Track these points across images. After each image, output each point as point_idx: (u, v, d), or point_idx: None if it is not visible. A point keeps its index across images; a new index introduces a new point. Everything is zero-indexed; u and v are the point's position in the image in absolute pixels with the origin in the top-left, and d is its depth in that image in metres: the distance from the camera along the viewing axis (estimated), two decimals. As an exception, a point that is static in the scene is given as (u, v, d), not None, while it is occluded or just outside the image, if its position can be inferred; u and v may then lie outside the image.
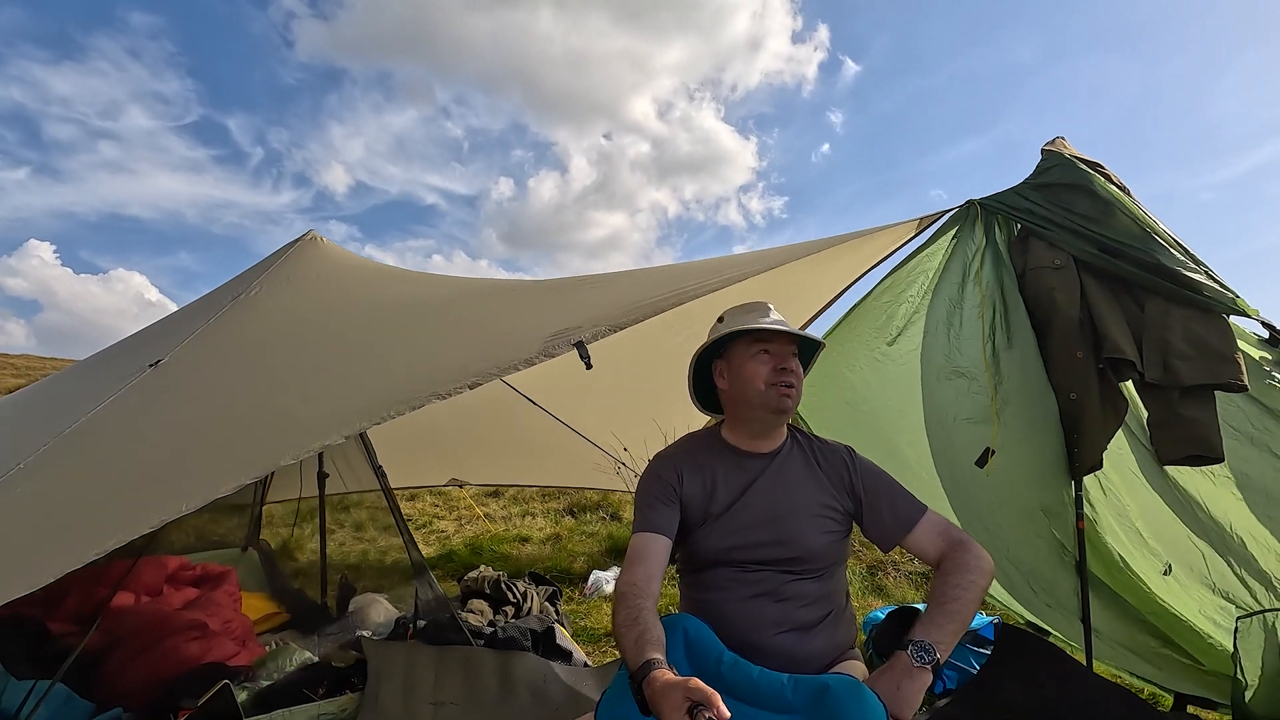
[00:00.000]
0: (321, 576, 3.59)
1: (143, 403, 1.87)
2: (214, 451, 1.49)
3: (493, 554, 5.11)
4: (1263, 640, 1.92)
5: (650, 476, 1.87)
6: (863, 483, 1.84)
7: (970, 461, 2.34)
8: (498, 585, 3.21)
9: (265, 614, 3.30)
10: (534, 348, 1.69)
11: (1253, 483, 2.26)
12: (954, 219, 2.52)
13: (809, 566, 1.80)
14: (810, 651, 1.78)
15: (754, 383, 1.79)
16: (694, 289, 2.02)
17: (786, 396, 1.78)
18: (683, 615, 1.73)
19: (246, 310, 2.45)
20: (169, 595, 2.80)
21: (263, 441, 1.47)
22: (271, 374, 1.93)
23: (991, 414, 2.25)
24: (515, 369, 1.62)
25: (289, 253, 3.08)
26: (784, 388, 1.78)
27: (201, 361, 2.07)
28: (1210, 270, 2.19)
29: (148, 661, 2.30)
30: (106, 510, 1.42)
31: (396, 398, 1.52)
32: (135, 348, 2.53)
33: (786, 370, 1.78)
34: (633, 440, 4.52)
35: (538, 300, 2.35)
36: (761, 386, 1.78)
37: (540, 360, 1.66)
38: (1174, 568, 2.27)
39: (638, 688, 1.35)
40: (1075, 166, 2.30)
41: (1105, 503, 2.36)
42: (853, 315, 2.70)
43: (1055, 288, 2.28)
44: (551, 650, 2.67)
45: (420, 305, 2.43)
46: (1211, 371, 2.06)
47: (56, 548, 1.31)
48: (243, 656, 2.49)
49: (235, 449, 1.46)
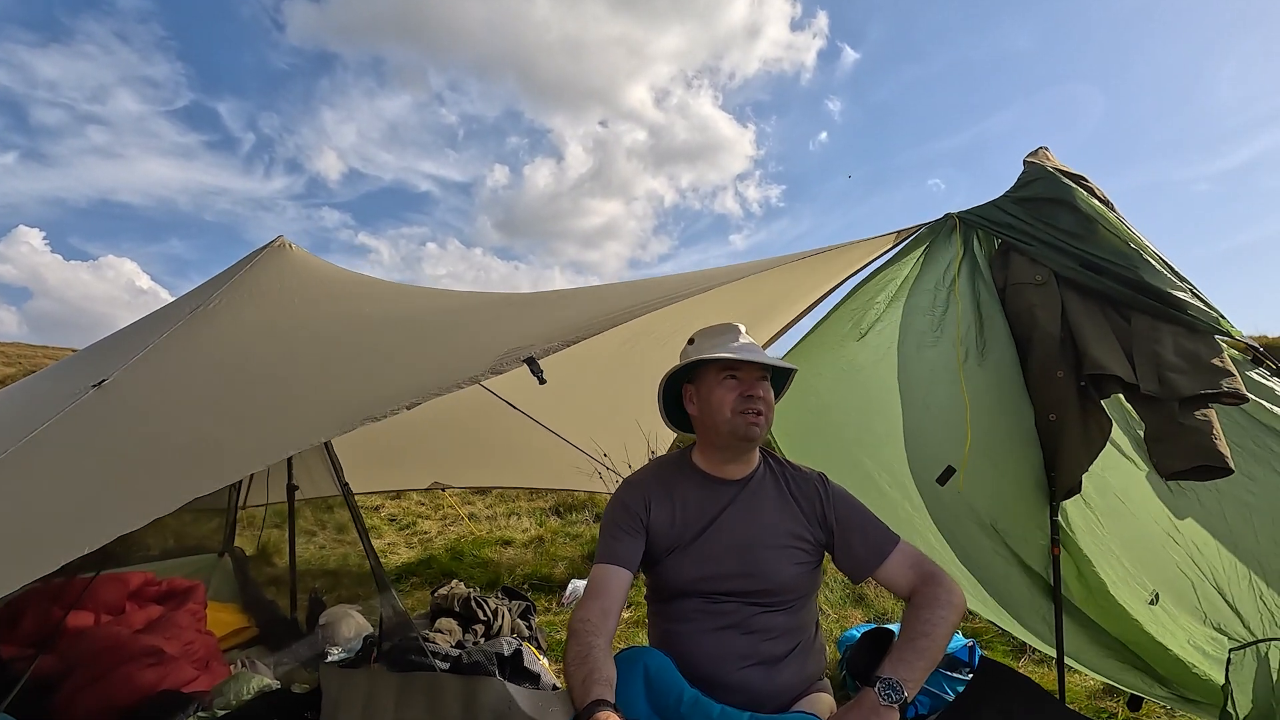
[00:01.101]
0: (291, 589, 3.53)
1: (80, 427, 1.80)
2: (138, 483, 1.43)
3: (474, 559, 5.07)
4: (1254, 671, 1.88)
5: (617, 504, 1.84)
6: (835, 512, 1.81)
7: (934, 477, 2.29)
8: (468, 603, 3.16)
9: (234, 629, 3.25)
10: (482, 364, 1.64)
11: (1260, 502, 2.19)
12: (930, 230, 2.46)
13: (778, 599, 1.78)
14: (776, 686, 1.75)
15: (721, 410, 1.75)
16: (657, 301, 1.95)
17: (754, 425, 1.73)
18: (645, 649, 1.71)
19: (202, 325, 2.37)
20: (131, 614, 2.73)
21: (185, 472, 1.42)
22: (213, 397, 1.86)
23: (965, 431, 2.19)
24: (458, 386, 1.56)
25: (255, 261, 3.00)
26: (752, 415, 1.73)
27: (145, 382, 2.00)
28: (1195, 288, 2.13)
29: (103, 689, 2.24)
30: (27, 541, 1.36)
31: (331, 422, 1.46)
32: (84, 364, 2.46)
33: (754, 397, 1.73)
34: (613, 443, 4.49)
35: (499, 315, 2.28)
36: (728, 414, 1.74)
37: (487, 377, 1.61)
38: (1161, 596, 2.22)
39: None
40: (1058, 180, 2.23)
41: (1086, 528, 2.30)
42: (820, 326, 2.64)
43: (1036, 304, 2.22)
44: (519, 673, 2.62)
45: (380, 321, 2.36)
46: (1210, 380, 1.98)
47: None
48: (202, 681, 2.42)
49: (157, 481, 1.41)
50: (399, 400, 1.37)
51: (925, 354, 2.33)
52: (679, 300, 1.83)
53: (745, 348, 1.78)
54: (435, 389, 1.40)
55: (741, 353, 1.75)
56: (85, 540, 1.12)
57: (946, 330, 2.30)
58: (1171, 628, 2.20)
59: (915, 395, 2.37)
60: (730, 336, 1.82)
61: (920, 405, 2.34)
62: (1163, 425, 2.07)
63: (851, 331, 2.49)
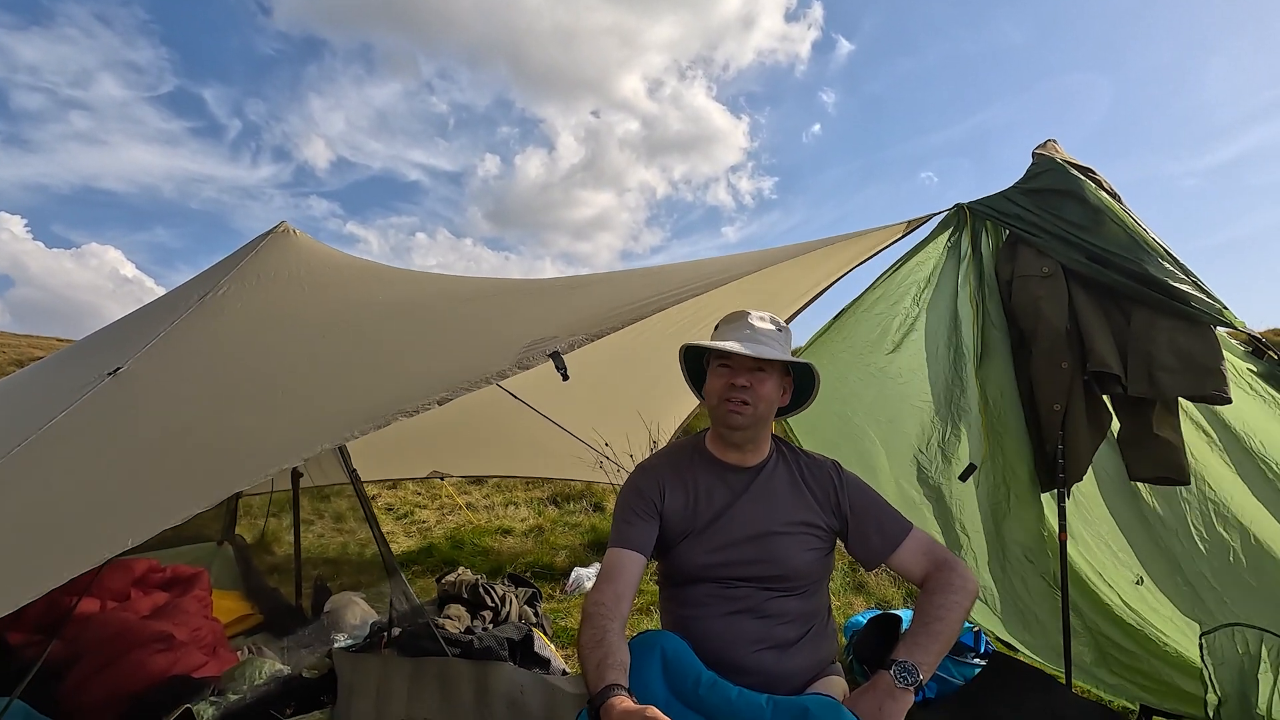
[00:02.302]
0: (296, 577, 3.53)
1: (99, 416, 1.78)
2: (168, 477, 1.42)
3: (474, 548, 5.07)
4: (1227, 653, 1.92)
5: (630, 489, 1.84)
6: (849, 500, 1.82)
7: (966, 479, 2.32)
8: (475, 590, 3.17)
9: (238, 615, 3.24)
10: (508, 359, 1.64)
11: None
12: (943, 223, 2.48)
13: (792, 584, 1.79)
14: (789, 669, 1.77)
15: (711, 397, 1.79)
16: (675, 294, 1.96)
17: (735, 413, 1.74)
18: (661, 633, 1.71)
19: (213, 313, 2.35)
20: (137, 600, 2.72)
21: (217, 467, 1.40)
22: (234, 387, 1.85)
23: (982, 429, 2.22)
24: (487, 382, 1.57)
25: (259, 247, 2.98)
26: (735, 404, 1.73)
27: (163, 371, 1.98)
28: (1199, 280, 2.16)
29: (112, 675, 2.23)
30: (56, 540, 1.35)
31: (361, 416, 1.46)
32: (94, 351, 2.43)
33: (739, 386, 1.73)
34: (615, 433, 4.49)
35: (515, 305, 2.28)
36: (715, 401, 1.77)
37: (514, 372, 1.61)
38: (1145, 579, 2.27)
39: (595, 712, 1.34)
40: (1066, 172, 2.25)
41: (1077, 514, 2.35)
42: (844, 322, 2.65)
43: (1042, 297, 2.25)
44: (529, 658, 2.64)
45: (393, 309, 2.35)
46: (1196, 384, 2.05)
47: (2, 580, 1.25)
48: (211, 666, 2.42)
49: (190, 474, 1.40)
50: (430, 394, 1.37)
51: (946, 355, 2.36)
52: (700, 293, 1.83)
53: (748, 336, 1.76)
54: (465, 384, 1.40)
55: (731, 341, 1.74)
56: (126, 534, 1.12)
57: (964, 332, 2.33)
58: (1156, 606, 2.25)
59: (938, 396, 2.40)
60: (736, 326, 1.81)
61: (943, 403, 2.37)
62: (1138, 432, 2.14)
63: (880, 339, 2.51)
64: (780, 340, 1.79)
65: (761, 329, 1.79)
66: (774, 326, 1.80)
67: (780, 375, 1.78)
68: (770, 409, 1.78)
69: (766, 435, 1.85)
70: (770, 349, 1.74)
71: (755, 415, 1.74)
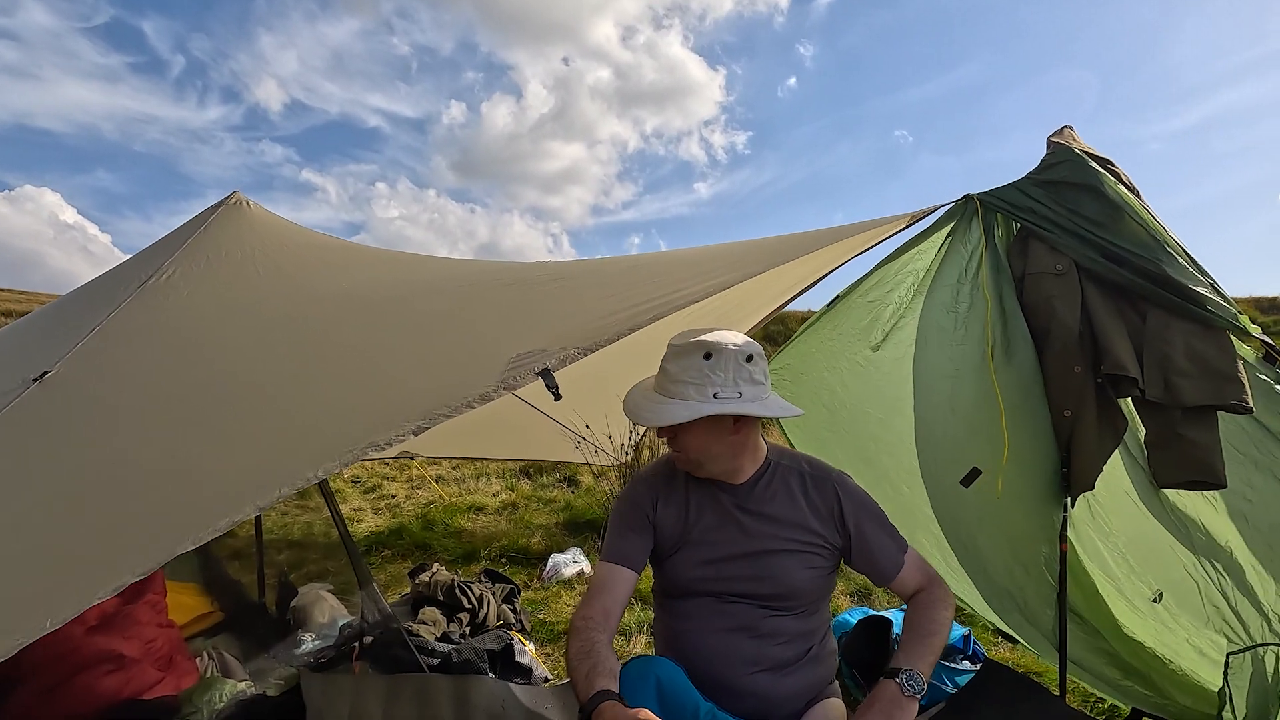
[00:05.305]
0: (258, 571, 3.36)
1: (23, 437, 1.56)
2: (102, 529, 1.22)
3: (446, 528, 4.95)
4: (1251, 675, 1.90)
5: (626, 501, 1.80)
6: (854, 519, 1.74)
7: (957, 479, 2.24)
8: (451, 591, 3.05)
9: (198, 614, 3.06)
10: (491, 378, 1.48)
11: (1256, 510, 2.21)
12: (949, 215, 2.34)
13: (789, 604, 1.73)
14: (786, 692, 1.72)
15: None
16: (679, 298, 1.79)
17: (677, 457, 1.73)
18: (655, 659, 1.64)
19: (156, 303, 2.11)
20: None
21: (162, 514, 1.22)
22: (182, 399, 1.63)
23: (1001, 430, 2.11)
24: (469, 407, 1.41)
25: (209, 221, 2.72)
26: (672, 450, 1.73)
27: (98, 378, 1.75)
28: (1215, 283, 2.08)
29: (57, 701, 2.06)
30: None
31: (327, 451, 1.29)
32: (17, 348, 2.17)
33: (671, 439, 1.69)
34: (595, 413, 4.38)
35: (497, 299, 2.09)
36: None
37: (499, 394, 1.46)
38: (1165, 596, 2.23)
39: (586, 718, 1.35)
40: (1085, 164, 2.12)
41: (1093, 524, 2.29)
42: (835, 311, 2.52)
43: (1055, 295, 2.14)
44: (510, 668, 2.54)
45: (362, 304, 2.13)
46: (1215, 392, 1.97)
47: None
48: (168, 683, 2.26)
49: (128, 527, 1.21)
50: (405, 422, 1.21)
51: (949, 352, 2.24)
52: (699, 299, 1.67)
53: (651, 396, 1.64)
54: (444, 409, 1.25)
55: (635, 396, 1.69)
56: (45, 612, 0.95)
57: (972, 328, 2.20)
58: (1172, 625, 2.22)
59: (938, 395, 2.28)
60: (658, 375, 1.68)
61: (945, 405, 2.26)
62: (1163, 434, 2.06)
63: (870, 327, 2.38)
64: (711, 381, 1.56)
65: (676, 378, 1.59)
66: (700, 367, 1.57)
67: (711, 418, 1.57)
68: (709, 451, 1.65)
69: (746, 454, 1.72)
70: (672, 407, 1.56)
71: (695, 461, 1.68)
